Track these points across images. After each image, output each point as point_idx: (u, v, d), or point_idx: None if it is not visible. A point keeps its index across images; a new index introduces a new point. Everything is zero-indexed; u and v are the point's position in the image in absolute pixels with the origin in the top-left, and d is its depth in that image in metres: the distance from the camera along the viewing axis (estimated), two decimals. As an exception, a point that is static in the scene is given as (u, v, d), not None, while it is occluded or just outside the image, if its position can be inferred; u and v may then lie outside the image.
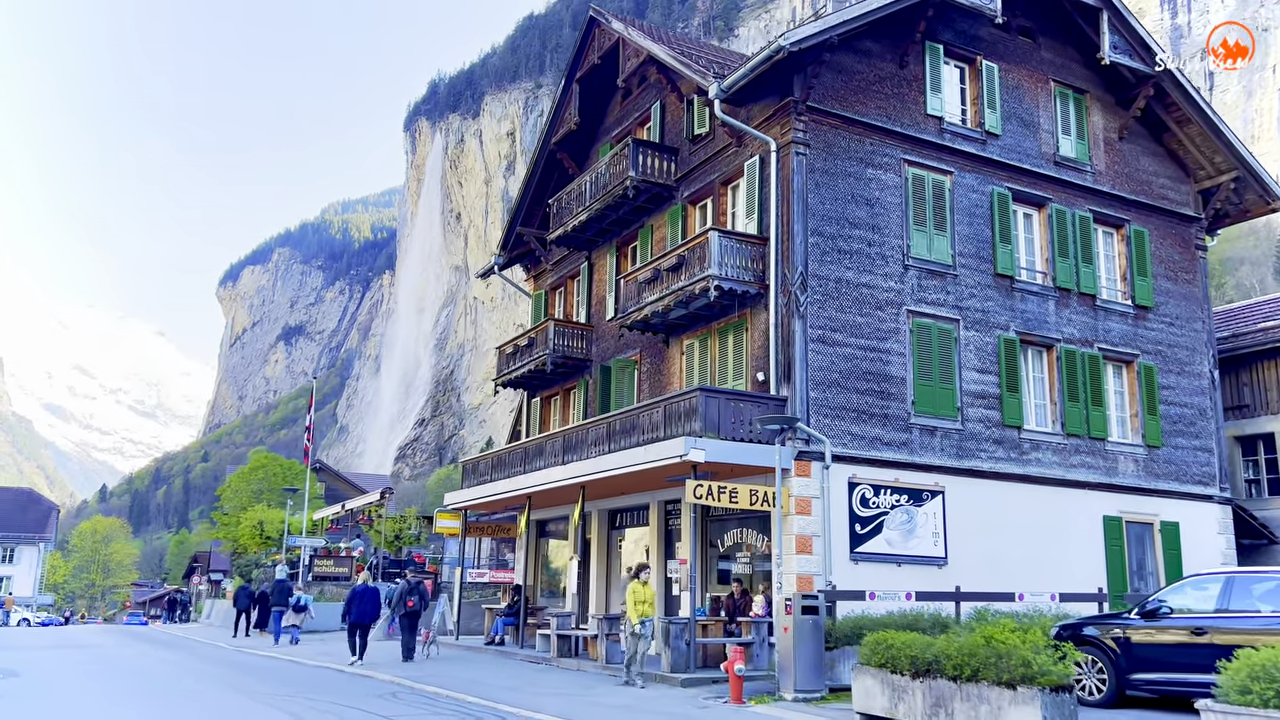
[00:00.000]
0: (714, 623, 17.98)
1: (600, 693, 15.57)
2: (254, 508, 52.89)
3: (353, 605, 20.56)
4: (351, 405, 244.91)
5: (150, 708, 13.59)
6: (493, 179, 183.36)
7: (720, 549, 20.18)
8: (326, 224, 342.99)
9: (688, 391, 17.73)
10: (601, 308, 25.29)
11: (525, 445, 24.00)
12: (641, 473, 18.93)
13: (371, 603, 20.86)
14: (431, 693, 15.84)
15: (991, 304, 20.41)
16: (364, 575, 23.07)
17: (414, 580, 22.62)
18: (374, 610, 20.94)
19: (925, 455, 18.99)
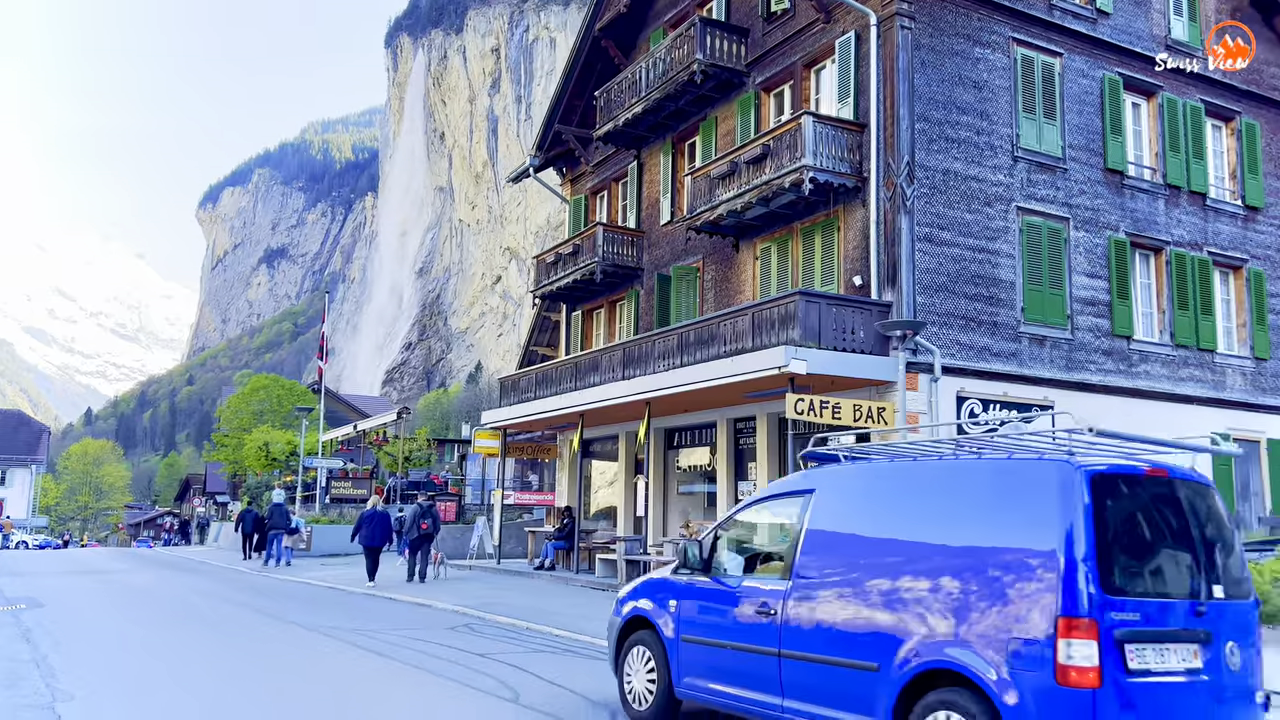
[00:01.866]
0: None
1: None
2: (257, 429, 51.11)
3: (362, 528, 20.48)
4: (336, 329, 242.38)
5: (212, 646, 11.96)
6: (477, 97, 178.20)
7: (801, 468, 18.54)
8: (307, 144, 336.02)
9: (784, 296, 15.88)
10: (654, 211, 23.28)
11: (575, 360, 22.18)
12: (716, 388, 17.20)
13: (381, 526, 20.64)
14: (508, 624, 14.32)
15: (1101, 202, 18.57)
16: (374, 500, 22.48)
17: (426, 504, 21.84)
18: (384, 534, 20.69)
19: (1034, 367, 17.32)
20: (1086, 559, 5.27)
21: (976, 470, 6.32)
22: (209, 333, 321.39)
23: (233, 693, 9.15)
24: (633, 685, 8.02)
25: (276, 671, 10.36)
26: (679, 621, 7.61)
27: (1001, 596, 5.48)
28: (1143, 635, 5.29)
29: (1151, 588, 5.56)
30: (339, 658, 11.15)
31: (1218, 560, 5.83)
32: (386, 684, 9.46)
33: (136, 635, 13.21)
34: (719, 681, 7.19)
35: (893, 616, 5.99)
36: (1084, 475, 5.53)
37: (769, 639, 6.74)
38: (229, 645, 12.23)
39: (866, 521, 6.64)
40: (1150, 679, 5.25)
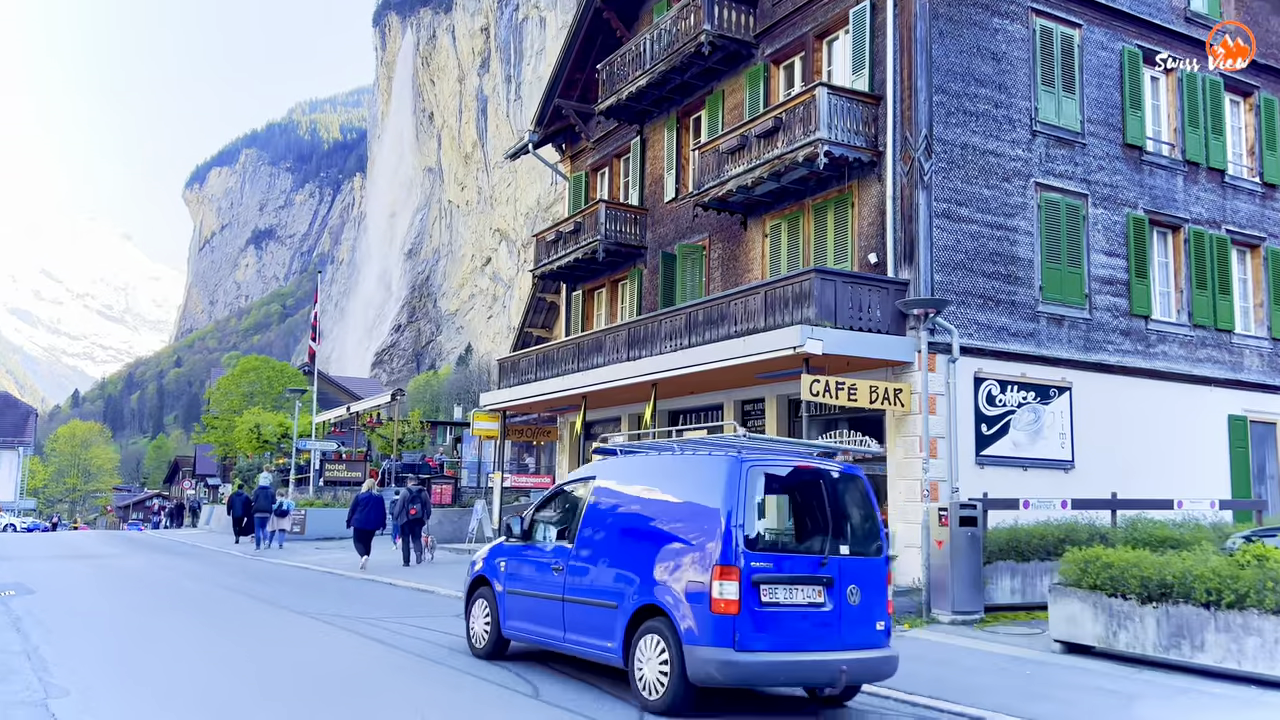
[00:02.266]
0: (819, 534, 15.96)
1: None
2: (247, 411, 50.47)
3: (356, 511, 20.41)
4: (325, 311, 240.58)
5: (210, 636, 11.47)
6: (466, 77, 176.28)
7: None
8: (294, 124, 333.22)
9: (799, 274, 15.38)
10: (658, 188, 22.72)
11: (578, 341, 21.67)
12: (726, 370, 16.74)
13: (376, 509, 20.54)
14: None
15: (1120, 178, 18.11)
16: (368, 483, 22.27)
17: (416, 488, 21.75)
18: (378, 517, 20.59)
19: (1052, 347, 16.88)
20: (738, 526, 7.52)
21: (687, 463, 8.53)
22: (196, 314, 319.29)
23: (235, 687, 8.67)
24: (474, 629, 10.20)
25: (279, 664, 9.88)
26: (505, 579, 9.83)
27: (687, 554, 7.74)
28: (774, 579, 7.55)
29: (785, 546, 8.12)
30: (343, 648, 10.67)
31: (847, 529, 8.08)
32: (393, 675, 9.00)
33: (131, 624, 12.71)
34: (529, 622, 9.42)
35: (627, 570, 8.27)
36: (744, 468, 7.80)
37: (557, 589, 9.00)
38: (227, 635, 11.74)
39: (620, 499, 8.83)
40: (777, 608, 7.54)
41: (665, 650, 7.65)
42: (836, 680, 7.69)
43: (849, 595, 7.80)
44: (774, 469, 8.04)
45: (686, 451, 8.81)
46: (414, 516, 20.70)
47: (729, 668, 7.33)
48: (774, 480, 8.04)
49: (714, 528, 7.57)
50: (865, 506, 8.27)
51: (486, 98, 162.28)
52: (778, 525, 8.48)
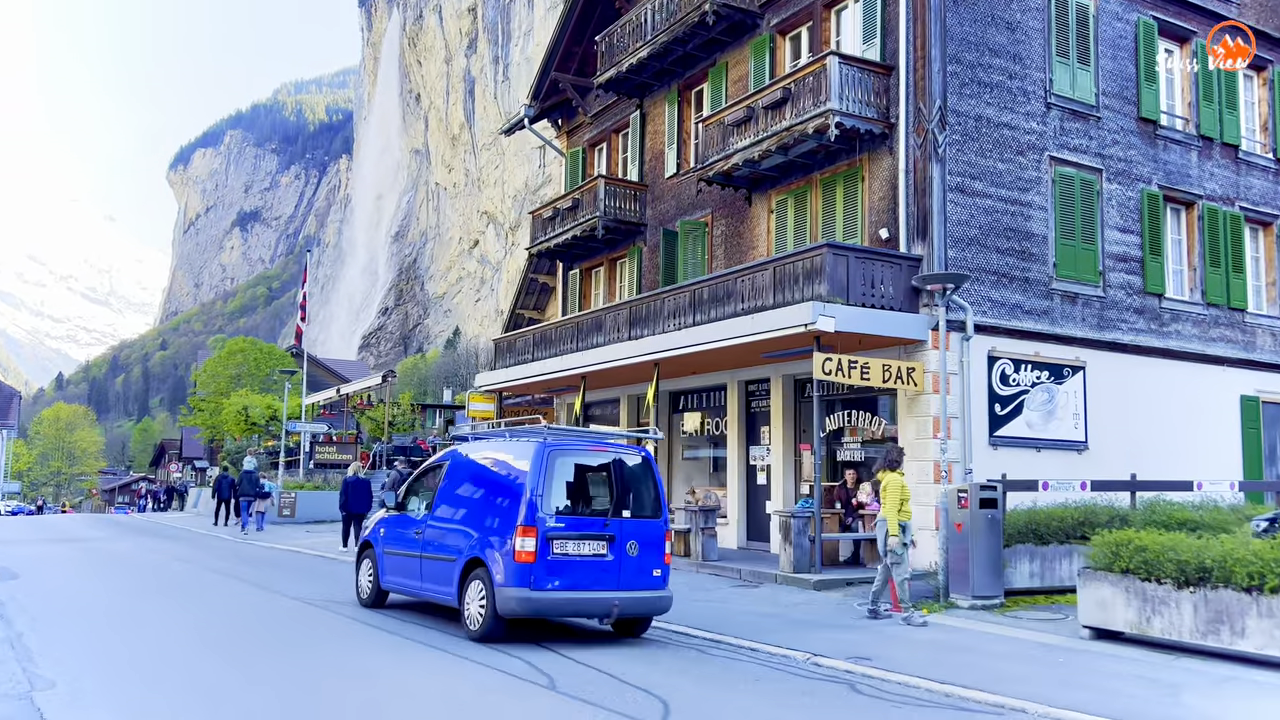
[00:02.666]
0: (828, 516, 15.59)
1: (725, 597, 13.21)
2: (235, 393, 49.80)
3: (348, 495, 20.66)
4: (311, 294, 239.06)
5: (202, 623, 10.99)
6: (454, 58, 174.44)
7: (820, 434, 17.65)
8: (279, 105, 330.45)
9: (810, 249, 14.92)
10: (659, 164, 22.20)
11: (577, 320, 21.18)
12: (731, 349, 16.31)
13: (363, 493, 20.77)
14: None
15: (1134, 153, 17.70)
16: (354, 466, 22.27)
17: (405, 470, 21.54)
18: (365, 500, 20.74)
19: (1066, 326, 16.50)
20: (538, 495, 9.50)
21: (510, 444, 10.58)
22: (181, 297, 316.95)
23: (229, 676, 8.20)
24: (361, 583, 12.32)
25: (277, 653, 9.41)
26: (383, 541, 11.85)
27: (503, 517, 9.74)
28: (564, 536, 9.52)
29: (575, 510, 9.85)
30: (344, 636, 10.21)
31: (630, 498, 10.04)
32: (404, 669, 8.55)
33: (120, 609, 12.21)
34: (399, 576, 11.44)
35: (463, 532, 10.34)
36: (546, 451, 9.79)
37: (417, 549, 11.00)
38: (220, 622, 11.26)
39: (464, 476, 10.94)
40: (566, 558, 9.50)
41: (484, 592, 9.67)
42: (610, 612, 9.80)
43: (628, 549, 9.81)
44: (571, 452, 10.11)
45: (512, 438, 10.77)
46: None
47: (526, 602, 9.42)
48: (570, 460, 10.04)
49: (520, 497, 9.67)
50: (648, 481, 10.36)
51: (474, 79, 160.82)
52: (572, 494, 10.00)
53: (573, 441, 10.40)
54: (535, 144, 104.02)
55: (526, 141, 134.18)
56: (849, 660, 9.16)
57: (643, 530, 9.95)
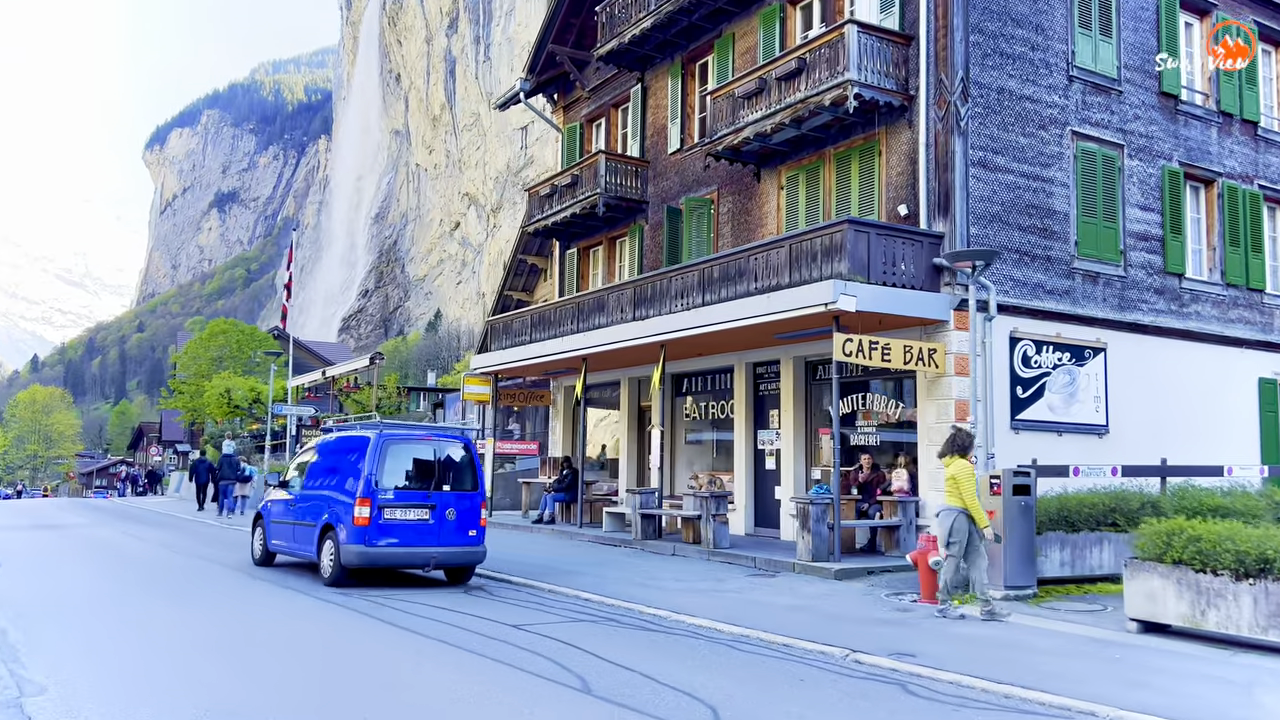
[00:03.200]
0: (845, 502, 15.08)
1: (743, 587, 12.68)
2: (217, 376, 48.91)
3: None
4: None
5: (199, 618, 10.37)
6: (434, 37, 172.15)
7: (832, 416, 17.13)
8: (257, 85, 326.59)
9: (830, 225, 14.33)
10: (661, 139, 21.56)
11: (577, 300, 20.55)
12: (741, 330, 15.75)
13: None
14: (525, 585, 12.90)
15: (1155, 129, 17.21)
16: None
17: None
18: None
19: (1087, 306, 16.02)
20: (373, 474, 12.14)
21: (358, 435, 13.13)
22: (159, 278, 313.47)
23: (229, 677, 7.60)
24: (254, 547, 15.12)
25: (283, 652, 8.81)
26: (270, 513, 14.64)
27: (348, 492, 12.38)
28: (393, 505, 12.20)
29: (404, 485, 12.44)
30: (355, 633, 9.61)
31: (451, 476, 12.70)
32: (430, 671, 7.98)
33: (108, 602, 11.56)
34: (279, 540, 14.21)
35: (320, 504, 12.98)
36: (380, 439, 12.50)
37: (291, 517, 13.82)
38: (216, 616, 10.64)
39: (326, 460, 13.68)
40: (395, 521, 12.16)
41: (333, 549, 12.43)
42: (429, 563, 12.58)
43: (447, 515, 12.52)
44: (402, 441, 12.84)
45: (361, 430, 13.39)
46: None
47: (362, 555, 12.16)
48: (402, 447, 12.75)
49: (360, 475, 12.35)
50: (467, 463, 13.06)
51: (455, 59, 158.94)
52: (402, 473, 12.60)
53: (405, 433, 13.20)
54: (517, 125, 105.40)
55: (508, 123, 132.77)
56: (890, 657, 8.64)
57: (460, 501, 12.69)
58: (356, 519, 12.04)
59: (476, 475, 13.04)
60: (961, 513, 10.51)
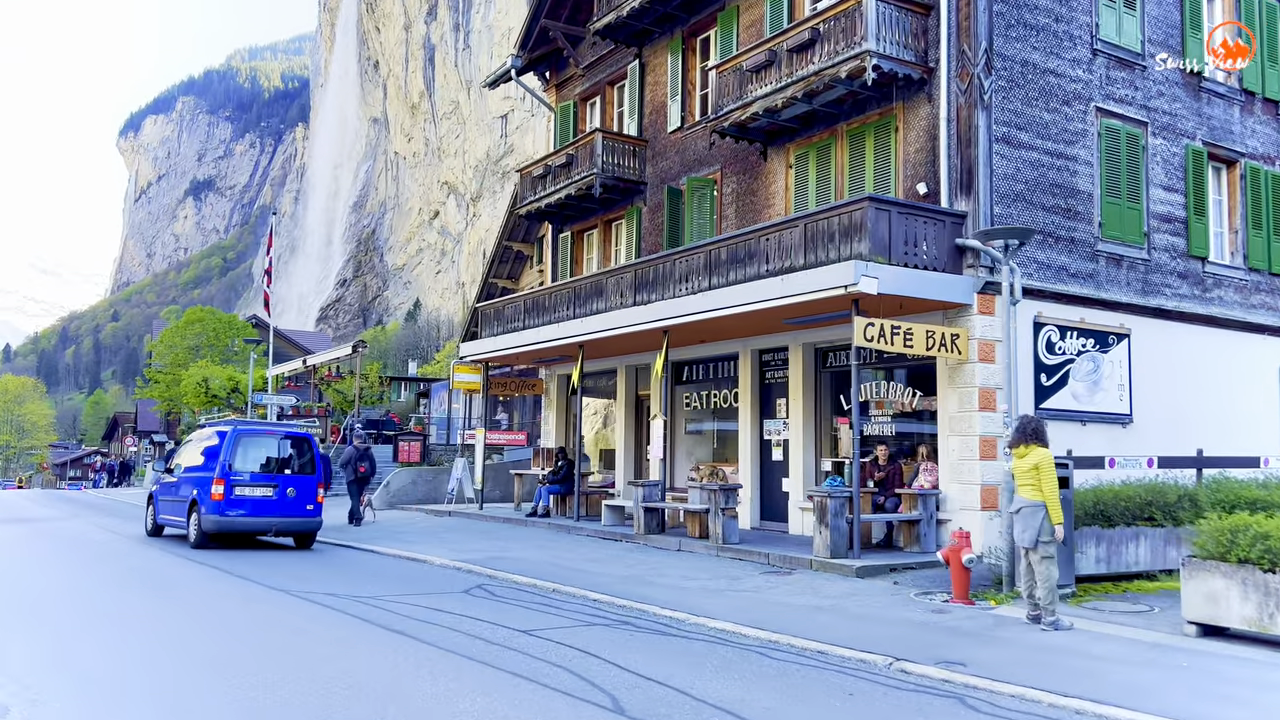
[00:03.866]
0: (862, 495, 14.34)
1: (759, 586, 11.94)
2: (194, 364, 47.74)
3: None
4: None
5: (179, 620, 9.54)
6: (413, 24, 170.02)
7: (844, 406, 16.41)
8: (233, 71, 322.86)
9: (850, 203, 13.55)
10: (660, 118, 20.74)
11: (574, 285, 19.72)
12: (748, 315, 14.99)
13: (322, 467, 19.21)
14: (529, 586, 12.13)
15: (1179, 106, 16.55)
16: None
17: (363, 446, 20.99)
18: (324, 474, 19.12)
19: (1111, 290, 15.36)
20: (227, 460, 15.54)
21: (221, 428, 16.92)
22: (133, 267, 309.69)
23: (211, 688, 6.79)
24: (146, 521, 18.38)
25: (272, 659, 7.98)
26: (160, 492, 17.92)
27: (209, 474, 15.63)
28: (243, 484, 15.56)
29: (254, 469, 15.83)
30: (349, 639, 8.78)
31: (293, 462, 16.25)
32: (435, 684, 7.17)
33: (81, 604, 10.72)
34: (165, 514, 17.50)
35: (192, 484, 16.22)
36: (234, 432, 16.09)
37: (172, 494, 17.13)
38: (198, 619, 9.81)
39: (199, 449, 17.11)
40: (244, 497, 15.53)
41: (197, 519, 15.63)
42: (271, 529, 15.89)
43: (288, 493, 15.85)
44: (253, 434, 16.46)
45: (227, 424, 17.11)
46: (362, 475, 20.40)
47: (216, 523, 15.40)
48: (253, 439, 16.29)
49: (216, 461, 15.67)
50: (307, 451, 16.53)
51: (434, 46, 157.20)
52: (254, 459, 16.04)
53: (256, 429, 17.15)
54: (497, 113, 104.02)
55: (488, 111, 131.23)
56: (939, 666, 7.93)
57: (300, 483, 16.12)
58: (213, 495, 15.43)
59: (315, 463, 16.48)
60: (1042, 507, 9.58)
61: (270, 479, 15.88)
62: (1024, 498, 9.67)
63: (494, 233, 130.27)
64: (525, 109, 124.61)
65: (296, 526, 16.04)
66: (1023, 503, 9.65)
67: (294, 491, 15.85)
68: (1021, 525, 9.64)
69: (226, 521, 15.41)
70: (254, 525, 15.72)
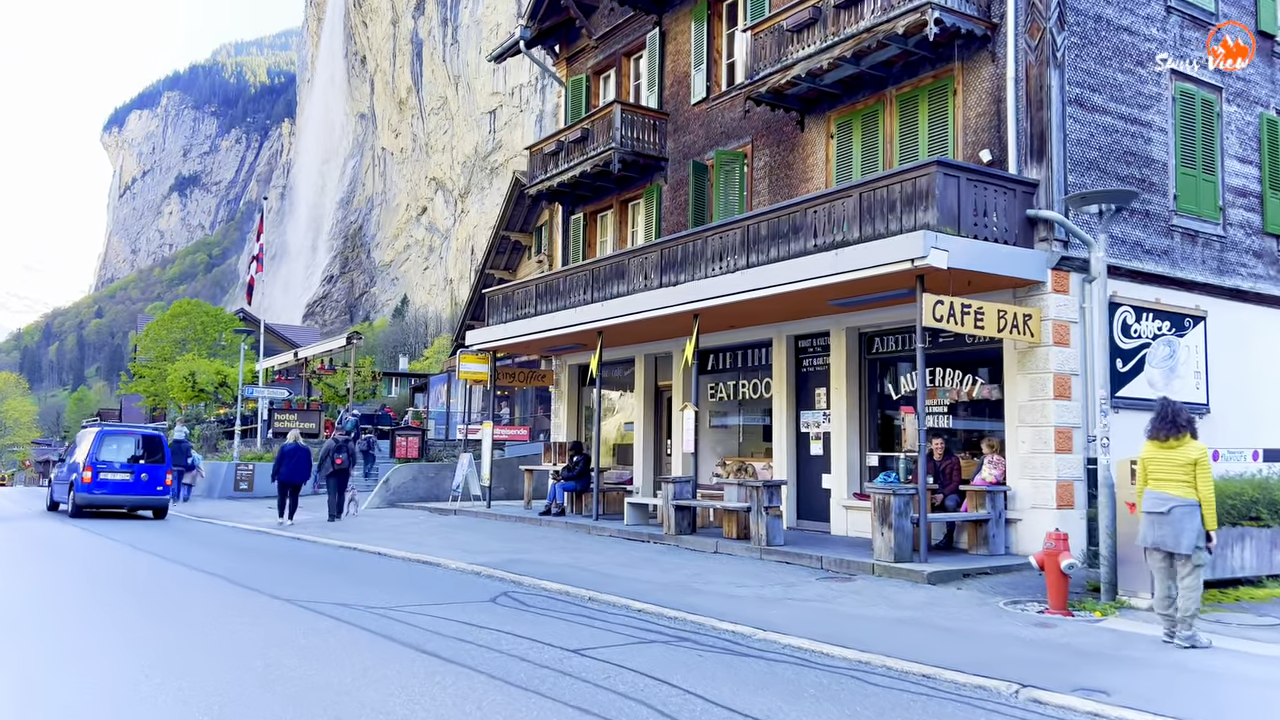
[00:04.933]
0: (918, 492, 13.05)
1: (822, 594, 10.63)
2: (181, 358, 46.16)
3: (282, 464, 19.42)
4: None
5: (178, 641, 8.18)
6: (401, 19, 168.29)
7: (892, 396, 15.13)
8: (219, 66, 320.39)
9: (915, 167, 12.22)
10: (682, 89, 19.41)
11: (592, 267, 18.36)
12: (788, 296, 13.69)
13: (302, 462, 19.62)
14: (560, 593, 10.79)
15: (1252, 70, 15.32)
16: (293, 434, 20.50)
17: (341, 439, 20.35)
18: (303, 470, 19.66)
19: (1186, 269, 14.12)
20: (94, 452, 20.64)
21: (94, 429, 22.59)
22: (118, 263, 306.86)
23: None
24: (48, 500, 24.46)
25: (292, 691, 6.63)
26: (56, 479, 24.03)
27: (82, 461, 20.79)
28: (107, 470, 20.54)
29: (115, 459, 20.73)
30: (372, 663, 7.41)
31: (145, 454, 20.95)
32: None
33: (67, 621, 9.30)
34: (59, 495, 22.82)
35: (72, 469, 21.66)
36: (100, 432, 21.69)
37: (64, 479, 22.35)
38: (199, 638, 8.41)
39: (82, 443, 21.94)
40: (108, 481, 20.52)
41: (72, 496, 20.44)
42: (126, 505, 20.52)
43: (142, 477, 20.35)
44: (116, 434, 21.32)
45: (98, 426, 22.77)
46: (339, 466, 19.84)
47: (86, 499, 20.12)
48: (116, 436, 21.05)
49: (86, 454, 20.35)
50: (158, 447, 20.90)
51: (422, 41, 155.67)
52: (116, 452, 20.49)
53: (119, 429, 22.75)
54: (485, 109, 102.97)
55: (476, 106, 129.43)
56: (1079, 695, 6.62)
57: (151, 470, 20.63)
58: (83, 478, 20.31)
59: (165, 456, 21.12)
60: (1198, 508, 8.22)
61: (127, 467, 20.64)
62: (1176, 496, 8.27)
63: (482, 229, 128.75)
64: (514, 104, 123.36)
65: (149, 503, 20.82)
66: (1176, 502, 8.27)
67: (146, 476, 20.71)
68: (1173, 528, 8.25)
69: (92, 499, 20.41)
70: (114, 502, 20.62)
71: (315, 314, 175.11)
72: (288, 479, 19.20)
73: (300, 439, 20.64)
